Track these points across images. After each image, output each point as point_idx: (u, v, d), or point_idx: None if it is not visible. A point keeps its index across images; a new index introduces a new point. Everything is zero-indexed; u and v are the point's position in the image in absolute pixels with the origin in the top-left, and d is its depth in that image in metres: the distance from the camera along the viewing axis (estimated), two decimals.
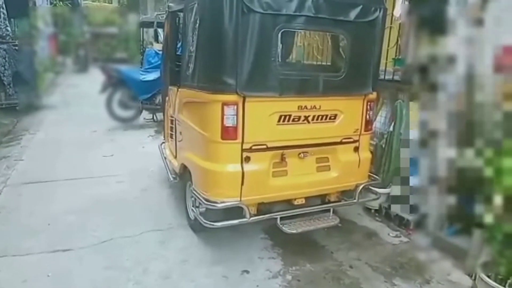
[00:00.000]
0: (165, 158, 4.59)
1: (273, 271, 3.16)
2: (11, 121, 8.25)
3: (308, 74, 3.21)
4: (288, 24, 2.97)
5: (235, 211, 3.13)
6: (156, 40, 8.05)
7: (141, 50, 9.38)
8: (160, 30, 7.54)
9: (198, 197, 3.15)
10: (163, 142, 4.96)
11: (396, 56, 4.41)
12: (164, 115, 4.92)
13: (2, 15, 8.15)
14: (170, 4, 4.15)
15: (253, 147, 3.06)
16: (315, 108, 3.21)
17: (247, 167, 3.05)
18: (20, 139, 6.80)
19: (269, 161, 3.16)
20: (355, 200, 3.58)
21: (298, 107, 3.15)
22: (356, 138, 3.50)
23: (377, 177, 3.83)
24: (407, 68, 4.15)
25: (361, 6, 3.15)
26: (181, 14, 3.71)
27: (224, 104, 2.92)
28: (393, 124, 4.18)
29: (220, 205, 3.04)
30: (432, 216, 3.82)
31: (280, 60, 3.02)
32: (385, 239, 3.80)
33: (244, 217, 3.09)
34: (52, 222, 3.77)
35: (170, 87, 4.25)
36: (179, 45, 4.03)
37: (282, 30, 2.96)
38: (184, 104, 3.65)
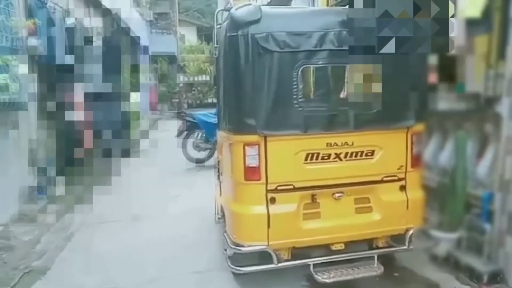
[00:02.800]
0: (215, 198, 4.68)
1: None
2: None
3: (336, 109, 3.03)
4: (309, 60, 2.89)
5: (269, 255, 2.99)
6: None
7: None
8: None
9: (226, 240, 3.11)
10: None
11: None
12: None
13: (100, 75, 9.47)
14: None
15: (279, 188, 2.94)
16: (347, 144, 2.99)
17: (273, 209, 2.93)
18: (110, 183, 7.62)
19: (298, 203, 2.99)
20: (405, 247, 3.15)
21: (327, 144, 2.97)
22: (401, 175, 3.14)
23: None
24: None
25: None
26: None
27: (246, 144, 2.90)
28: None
29: (245, 249, 2.95)
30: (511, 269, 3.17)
31: (303, 97, 2.91)
32: None
33: (272, 262, 2.93)
34: (109, 261, 4.04)
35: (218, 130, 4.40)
36: None
37: (303, 67, 2.89)
38: (222, 146, 3.72)
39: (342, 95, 3.41)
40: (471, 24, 3.51)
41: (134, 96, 12.64)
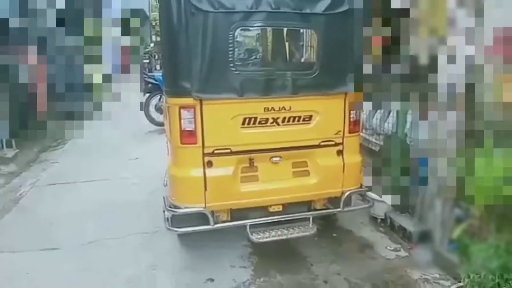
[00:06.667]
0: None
1: (238, 282, 3.02)
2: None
3: (274, 73, 3.01)
4: (244, 22, 2.82)
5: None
6: None
7: None
8: None
9: (164, 202, 3.14)
10: None
11: None
12: None
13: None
14: None
15: (216, 151, 2.95)
16: (285, 109, 3.00)
17: (210, 172, 2.96)
18: (65, 143, 7.46)
19: (236, 166, 3.02)
20: (339, 209, 3.28)
21: (265, 108, 2.97)
22: (338, 140, 3.20)
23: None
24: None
25: None
26: None
27: (181, 107, 2.86)
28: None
29: (181, 211, 2.99)
30: (437, 229, 3.36)
31: (239, 60, 2.86)
32: (380, 253, 3.42)
33: (208, 223, 3.00)
34: (55, 222, 4.04)
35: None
36: None
37: (239, 29, 2.82)
38: (164, 110, 3.68)
39: (281, 59, 3.38)
40: None
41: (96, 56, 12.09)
